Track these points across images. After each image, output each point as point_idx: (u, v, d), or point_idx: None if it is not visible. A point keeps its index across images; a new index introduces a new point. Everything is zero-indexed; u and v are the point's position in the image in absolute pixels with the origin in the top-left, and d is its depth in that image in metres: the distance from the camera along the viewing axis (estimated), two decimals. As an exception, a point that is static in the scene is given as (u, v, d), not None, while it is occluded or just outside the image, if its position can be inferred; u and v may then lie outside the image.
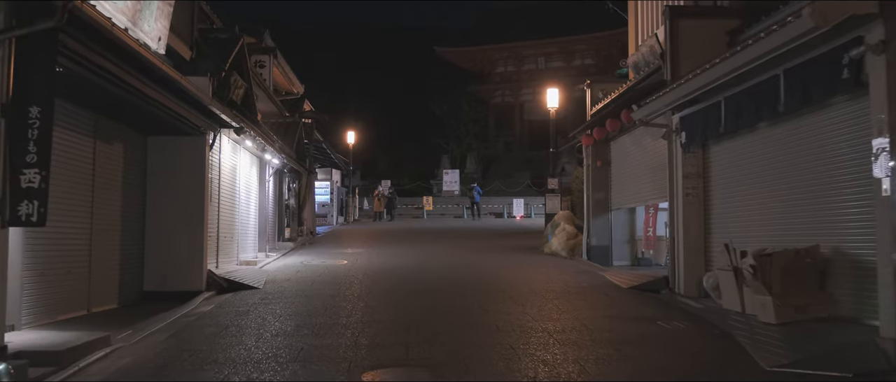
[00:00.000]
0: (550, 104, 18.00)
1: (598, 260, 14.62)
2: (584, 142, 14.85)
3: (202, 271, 10.01)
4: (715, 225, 9.50)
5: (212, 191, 11.51)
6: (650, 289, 10.25)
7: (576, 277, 11.74)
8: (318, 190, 27.20)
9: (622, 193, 14.36)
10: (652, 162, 12.19)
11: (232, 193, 13.18)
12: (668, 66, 10.58)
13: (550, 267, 13.55)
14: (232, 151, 13.04)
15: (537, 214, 35.55)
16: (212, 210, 11.58)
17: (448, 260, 14.69)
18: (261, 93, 17.78)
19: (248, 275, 11.35)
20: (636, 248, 14.77)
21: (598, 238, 14.86)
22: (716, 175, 9.49)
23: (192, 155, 10.15)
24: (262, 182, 16.01)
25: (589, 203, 15.06)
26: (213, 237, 11.70)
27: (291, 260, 15.00)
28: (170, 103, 8.40)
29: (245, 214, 14.39)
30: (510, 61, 54.00)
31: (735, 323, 7.39)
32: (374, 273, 12.24)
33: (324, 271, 12.57)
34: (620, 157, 14.38)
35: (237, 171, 13.53)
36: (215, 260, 11.88)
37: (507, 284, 10.63)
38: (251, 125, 11.94)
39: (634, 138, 13.29)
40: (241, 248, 13.92)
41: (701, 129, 9.21)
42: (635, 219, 14.81)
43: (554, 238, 16.03)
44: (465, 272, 12.36)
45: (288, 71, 24.18)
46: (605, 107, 14.09)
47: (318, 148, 24.70)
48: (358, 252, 16.54)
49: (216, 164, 11.78)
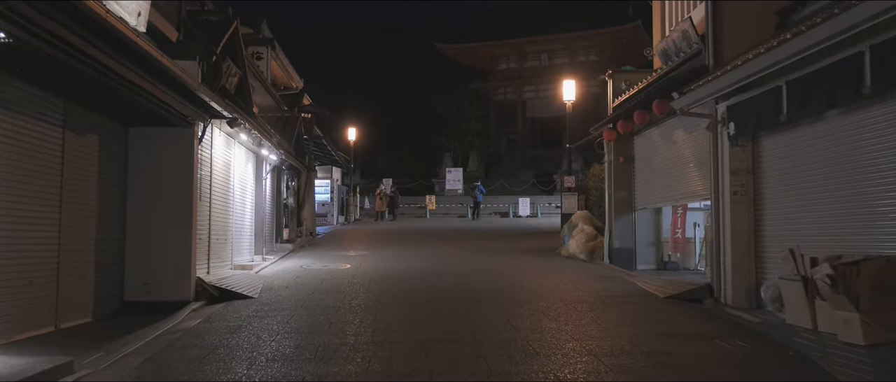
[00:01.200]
0: (566, 97, 16.89)
1: (620, 264, 13.55)
2: (606, 136, 13.77)
3: (190, 278, 8.92)
4: (768, 226, 8.41)
5: (202, 188, 10.41)
6: (691, 299, 9.17)
7: (603, 284, 10.66)
8: (318, 188, 26.08)
9: (648, 192, 13.28)
10: (686, 157, 11.11)
11: (225, 191, 12.08)
12: (711, 51, 9.53)
13: (572, 271, 12.46)
14: (225, 146, 11.94)
15: (544, 213, 34.60)
16: (202, 209, 10.48)
17: (460, 263, 13.60)
18: (258, 84, 16.69)
19: (242, 282, 10.26)
20: (662, 251, 13.70)
21: (621, 240, 13.79)
22: (769, 170, 8.40)
23: (180, 148, 9.06)
24: (259, 179, 14.90)
25: (611, 202, 13.99)
26: (204, 239, 10.61)
27: (290, 263, 13.91)
28: (151, 88, 7.30)
29: (240, 214, 13.30)
30: (512, 58, 53.02)
31: (809, 344, 6.31)
32: (381, 279, 11.15)
33: (326, 277, 11.48)
34: (646, 153, 13.30)
35: (231, 168, 12.43)
36: (206, 264, 10.79)
37: (531, 293, 9.54)
38: (246, 117, 10.85)
39: (664, 132, 12.21)
40: (235, 251, 12.83)
41: (755, 119, 8.12)
42: (661, 220, 13.74)
43: (571, 239, 14.95)
44: (482, 278, 11.28)
45: (286, 64, 23.11)
46: (630, 98, 13.01)
47: (317, 144, 23.60)
48: (361, 254, 15.45)
49: (207, 159, 10.69)
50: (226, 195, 12.13)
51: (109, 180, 8.41)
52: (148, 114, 8.44)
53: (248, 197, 14.18)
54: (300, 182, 20.25)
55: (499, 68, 53.09)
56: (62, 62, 5.73)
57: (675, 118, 11.53)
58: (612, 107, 14.10)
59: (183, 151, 9.07)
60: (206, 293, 9.12)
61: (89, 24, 5.67)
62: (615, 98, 14.01)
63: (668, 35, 12.21)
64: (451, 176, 40.52)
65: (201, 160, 10.31)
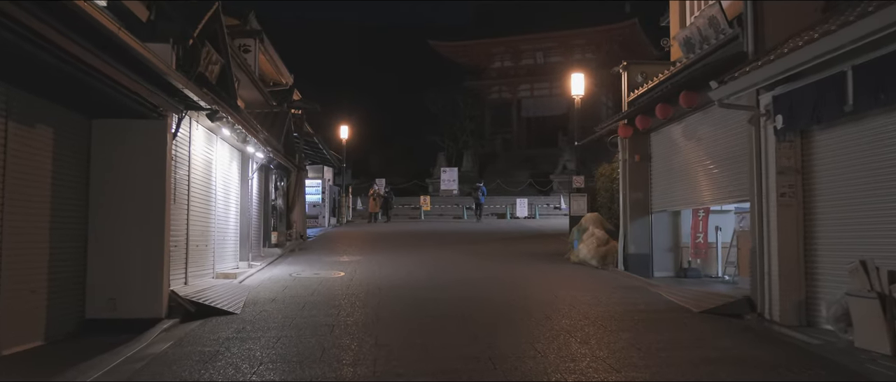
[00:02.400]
0: (574, 92, 15.84)
1: (636, 271, 12.53)
2: (622, 133, 12.73)
3: (162, 291, 7.80)
4: (822, 233, 7.38)
5: (179, 189, 9.30)
6: (729, 314, 8.14)
7: (626, 295, 9.61)
8: (309, 188, 24.91)
9: (667, 193, 12.26)
10: (716, 155, 10.10)
11: (206, 192, 10.97)
12: (750, 36, 8.53)
13: (587, 280, 11.42)
14: (206, 142, 10.83)
15: (542, 215, 33.62)
16: (179, 212, 9.37)
17: (464, 271, 12.53)
18: (244, 77, 15.56)
19: (223, 295, 9.15)
20: (681, 257, 12.70)
21: (637, 245, 12.76)
22: (824, 169, 7.37)
23: (151, 143, 7.94)
24: (245, 179, 13.77)
25: (626, 204, 12.95)
26: (181, 246, 9.50)
27: (278, 270, 12.80)
28: (112, 72, 6.20)
29: (223, 217, 12.17)
30: (507, 56, 52.11)
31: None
32: (379, 289, 10.07)
33: (317, 287, 10.38)
34: (665, 151, 12.28)
35: (213, 166, 11.32)
36: (183, 274, 9.67)
37: (549, 307, 8.49)
38: (228, 109, 9.74)
39: (687, 127, 11.19)
40: (218, 258, 11.70)
41: (809, 110, 7.08)
42: (680, 223, 12.74)
43: (582, 244, 13.91)
44: (491, 288, 10.22)
45: (275, 58, 21.94)
46: (649, 91, 11.98)
47: (308, 142, 22.43)
48: (356, 260, 14.36)
49: (185, 157, 9.58)
50: (207, 196, 11.02)
51: (67, 179, 7.28)
52: (113, 104, 7.35)
53: (233, 198, 13.06)
54: (290, 182, 19.12)
55: (493, 66, 52.13)
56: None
57: (700, 113, 10.55)
58: (627, 101, 13.06)
59: (155, 147, 7.94)
60: (180, 308, 8.00)
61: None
62: (631, 91, 12.98)
63: (692, 22, 11.20)
64: (446, 176, 39.38)
65: (178, 157, 9.21)
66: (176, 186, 9.11)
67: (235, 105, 11.11)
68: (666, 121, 11.77)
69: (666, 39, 13.16)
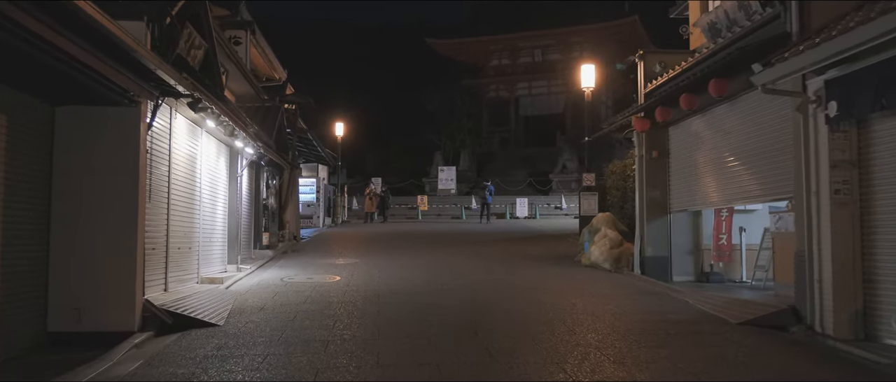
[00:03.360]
0: (585, 84, 14.96)
1: (654, 275, 11.66)
2: (638, 126, 11.86)
3: (134, 301, 6.88)
4: (882, 234, 6.51)
5: (156, 186, 8.39)
6: (772, 326, 7.26)
7: (651, 304, 8.74)
8: (303, 188, 23.99)
9: (687, 191, 11.39)
10: (747, 149, 9.24)
11: (190, 190, 10.06)
12: (793, 15, 7.66)
13: (603, 285, 10.55)
14: (190, 135, 9.91)
15: (543, 215, 32.82)
16: (156, 212, 8.46)
17: (469, 274, 11.64)
18: (233, 68, 14.67)
19: (206, 303, 8.23)
20: (701, 260, 11.84)
21: (654, 247, 11.89)
22: (886, 162, 6.51)
23: (122, 134, 7.03)
24: (233, 176, 12.85)
25: (642, 203, 12.08)
26: (160, 249, 8.59)
27: (269, 274, 11.89)
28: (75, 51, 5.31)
29: (209, 217, 11.26)
30: (505, 54, 51.35)
31: None
32: (379, 296, 9.17)
33: (311, 293, 9.48)
34: (685, 146, 11.42)
35: (198, 162, 10.41)
36: (163, 279, 8.76)
37: (570, 317, 7.60)
38: (213, 98, 8.82)
39: (712, 119, 10.33)
40: (203, 261, 10.79)
41: (872, 95, 6.21)
42: (701, 224, 11.88)
43: (593, 246, 13.04)
44: (500, 295, 9.33)
45: (268, 52, 21.03)
46: (670, 81, 11.10)
47: (302, 139, 21.52)
48: (352, 263, 13.45)
49: (164, 151, 8.67)
50: (190, 194, 10.10)
51: (26, 174, 6.37)
52: (79, 89, 6.45)
53: (220, 196, 12.14)
54: (282, 180, 18.19)
55: (491, 64, 51.36)
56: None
57: (727, 104, 9.71)
58: (643, 93, 12.19)
59: (127, 138, 7.03)
60: (156, 319, 7.09)
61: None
62: (647, 82, 12.11)
63: (718, 6, 10.34)
64: (444, 175, 38.50)
65: (156, 151, 8.31)
66: (153, 183, 8.20)
67: (222, 95, 10.20)
68: (686, 114, 10.93)
69: (685, 26, 12.31)
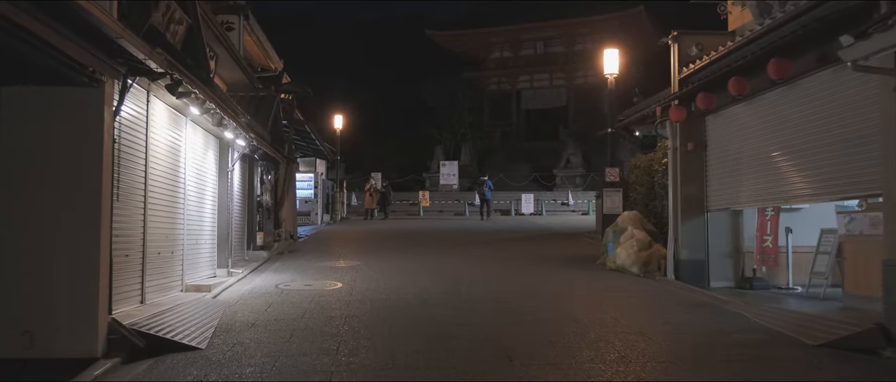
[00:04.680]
0: (608, 70, 13.77)
1: (689, 280, 10.52)
2: (674, 115, 10.68)
3: (97, 320, 5.70)
4: None
5: (129, 181, 7.22)
6: (858, 348, 6.10)
7: (703, 318, 7.57)
8: (300, 183, 22.78)
9: (729, 187, 10.23)
10: (810, 139, 8.07)
11: (173, 186, 8.88)
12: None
13: (639, 294, 9.39)
14: (172, 124, 8.73)
15: (549, 211, 31.74)
16: (130, 212, 7.29)
17: (487, 281, 10.48)
18: (224, 54, 13.46)
19: (187, 318, 7.05)
20: (742, 264, 10.68)
21: (690, 249, 10.72)
22: None
23: (82, 120, 5.83)
24: (224, 171, 11.65)
25: (676, 201, 10.92)
26: (134, 255, 7.42)
27: (263, 280, 10.71)
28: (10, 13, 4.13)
29: (196, 216, 10.07)
30: (506, 46, 50.23)
31: None
32: (387, 308, 8.00)
33: (309, 305, 8.30)
34: (726, 137, 10.25)
35: (182, 155, 9.23)
36: (139, 290, 7.59)
37: (618, 339, 6.43)
38: (196, 81, 7.62)
39: (761, 107, 9.17)
40: (189, 266, 9.61)
41: None
42: (741, 223, 10.73)
43: (620, 248, 11.87)
44: (529, 308, 8.15)
45: (263, 40, 19.80)
46: (715, 62, 9.91)
47: (299, 131, 20.32)
48: (354, 265, 12.28)
49: (140, 142, 7.49)
50: (173, 192, 8.92)
51: (-40, 168, 5.20)
52: (26, 65, 5.30)
53: (209, 193, 10.95)
54: (278, 175, 16.99)
55: (492, 56, 50.25)
56: None
57: (783, 88, 8.54)
58: (677, 78, 11.01)
59: (88, 125, 5.83)
60: (126, 342, 5.91)
61: None
62: (682, 66, 10.92)
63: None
64: (446, 169, 37.30)
65: (128, 142, 7.14)
66: (124, 179, 7.03)
67: (208, 78, 9.00)
68: (729, 102, 9.77)
69: (722, 5, 11.10)
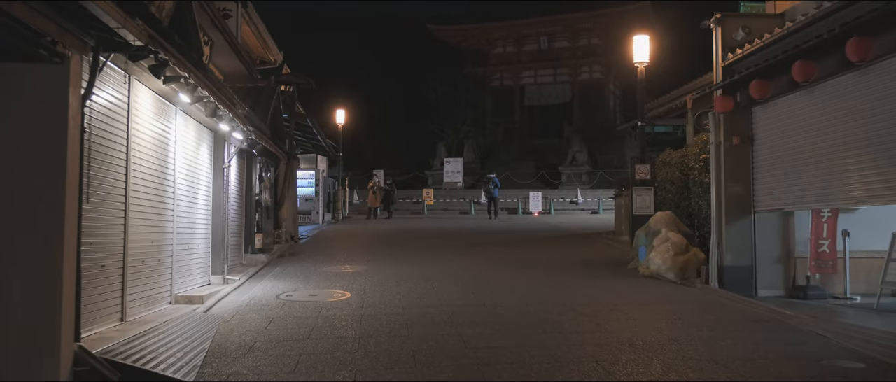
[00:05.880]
0: (638, 58, 12.70)
1: (735, 288, 9.49)
2: (719, 106, 9.63)
3: (58, 348, 4.64)
4: None
5: (107, 180, 6.15)
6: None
7: (776, 339, 6.51)
8: (301, 180, 21.72)
9: (781, 186, 9.18)
10: (885, 132, 7.02)
11: (160, 185, 7.81)
12: None
13: (689, 307, 8.32)
14: (159, 114, 7.65)
15: (557, 210, 30.72)
16: (109, 215, 6.23)
17: (513, 289, 9.40)
18: (220, 40, 12.39)
19: (173, 341, 5.98)
20: (794, 270, 9.66)
21: (736, 254, 9.68)
22: None
23: (40, 103, 4.77)
24: (219, 167, 10.57)
25: (720, 201, 9.87)
26: (113, 265, 6.36)
27: (262, 288, 9.64)
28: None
29: (187, 218, 9.00)
30: (510, 41, 49.22)
31: None
32: (408, 326, 6.94)
33: (316, 321, 7.23)
34: (778, 130, 9.20)
35: (171, 148, 8.16)
36: (119, 305, 6.53)
37: (690, 367, 5.37)
38: (185, 62, 6.53)
39: (824, 96, 8.13)
40: (180, 274, 8.55)
41: None
42: (792, 226, 9.71)
43: (653, 252, 10.82)
44: (570, 327, 7.07)
45: (263, 30, 18.70)
46: (771, 46, 8.84)
47: (300, 126, 19.24)
48: (362, 271, 11.22)
49: (120, 133, 6.42)
50: (160, 191, 7.85)
51: None
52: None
53: (202, 192, 9.88)
54: (278, 172, 15.91)
55: (495, 52, 49.21)
56: None
57: (854, 74, 7.53)
58: (721, 66, 9.95)
59: (48, 110, 4.77)
60: (96, 374, 4.85)
61: None
62: (728, 52, 9.85)
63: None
64: (450, 166, 36.26)
65: (105, 133, 6.08)
66: (96, 175, 5.96)
67: (200, 62, 7.90)
68: (784, 90, 8.74)
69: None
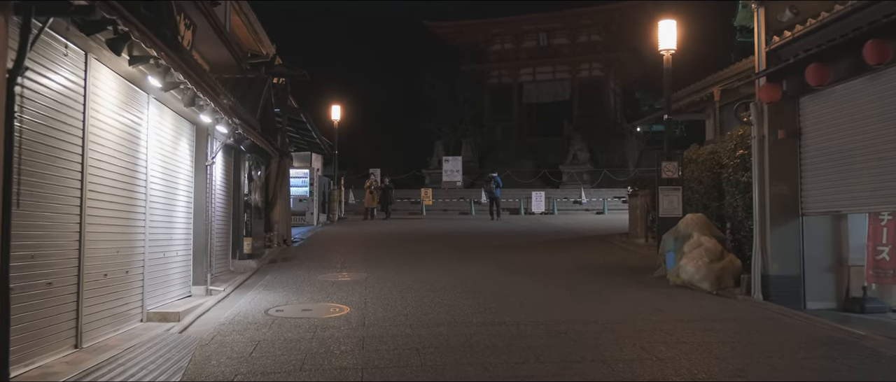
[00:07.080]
0: (664, 45, 11.63)
1: (781, 300, 8.46)
2: (765, 95, 8.57)
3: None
4: None
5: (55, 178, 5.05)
6: None
7: (850, 362, 5.46)
8: (294, 180, 20.59)
9: (834, 187, 8.14)
10: None
11: (129, 183, 6.70)
12: None
13: (737, 325, 7.26)
14: (127, 101, 6.55)
15: (560, 210, 29.71)
16: (58, 221, 5.12)
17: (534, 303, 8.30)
18: (205, 25, 11.28)
19: (129, 377, 4.88)
20: (847, 280, 8.61)
21: (782, 262, 8.63)
22: None
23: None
24: (201, 164, 9.44)
25: (764, 202, 8.81)
26: (64, 282, 5.26)
27: (249, 301, 8.54)
28: None
29: (164, 222, 7.90)
30: (508, 38, 48.24)
31: None
32: (419, 352, 5.85)
33: (311, 344, 6.14)
34: (831, 123, 8.15)
35: (143, 142, 7.05)
36: (73, 330, 5.44)
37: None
38: (152, 39, 5.43)
39: (888, 84, 7.06)
40: (153, 286, 7.44)
41: None
42: (845, 230, 8.66)
43: (685, 258, 9.76)
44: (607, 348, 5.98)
45: (254, 21, 17.61)
46: (833, 24, 7.78)
47: (293, 122, 18.11)
48: (361, 278, 10.13)
49: (75, 123, 5.33)
50: (130, 191, 6.74)
51: None
52: None
53: (182, 193, 8.76)
54: (270, 170, 14.79)
55: (493, 48, 48.21)
56: None
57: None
58: (765, 51, 8.89)
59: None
60: (27, 428, 3.75)
61: None
62: (773, 35, 8.80)
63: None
64: (449, 165, 35.19)
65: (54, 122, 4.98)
66: (36, 172, 4.85)
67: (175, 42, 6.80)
68: (842, 77, 7.69)
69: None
